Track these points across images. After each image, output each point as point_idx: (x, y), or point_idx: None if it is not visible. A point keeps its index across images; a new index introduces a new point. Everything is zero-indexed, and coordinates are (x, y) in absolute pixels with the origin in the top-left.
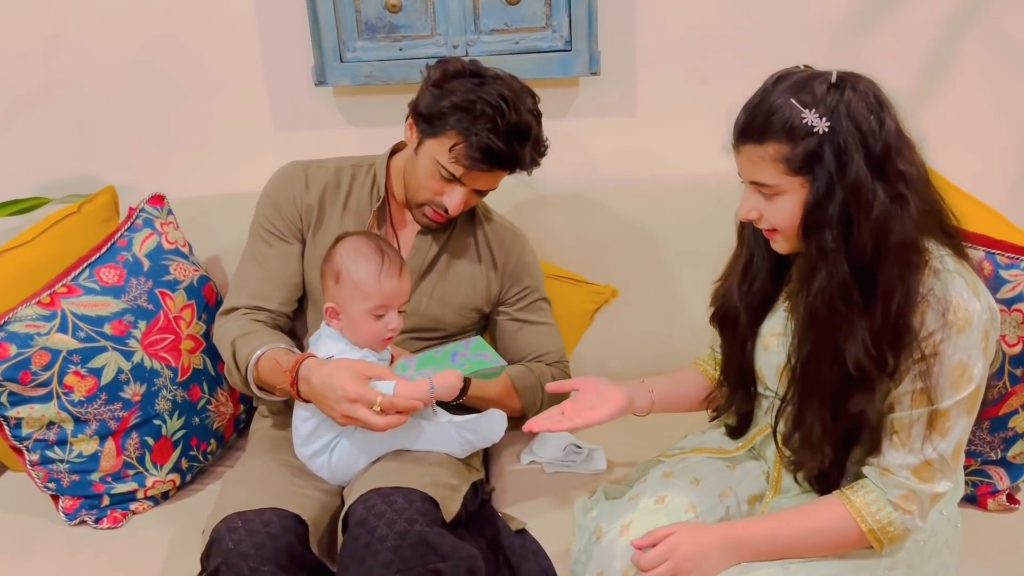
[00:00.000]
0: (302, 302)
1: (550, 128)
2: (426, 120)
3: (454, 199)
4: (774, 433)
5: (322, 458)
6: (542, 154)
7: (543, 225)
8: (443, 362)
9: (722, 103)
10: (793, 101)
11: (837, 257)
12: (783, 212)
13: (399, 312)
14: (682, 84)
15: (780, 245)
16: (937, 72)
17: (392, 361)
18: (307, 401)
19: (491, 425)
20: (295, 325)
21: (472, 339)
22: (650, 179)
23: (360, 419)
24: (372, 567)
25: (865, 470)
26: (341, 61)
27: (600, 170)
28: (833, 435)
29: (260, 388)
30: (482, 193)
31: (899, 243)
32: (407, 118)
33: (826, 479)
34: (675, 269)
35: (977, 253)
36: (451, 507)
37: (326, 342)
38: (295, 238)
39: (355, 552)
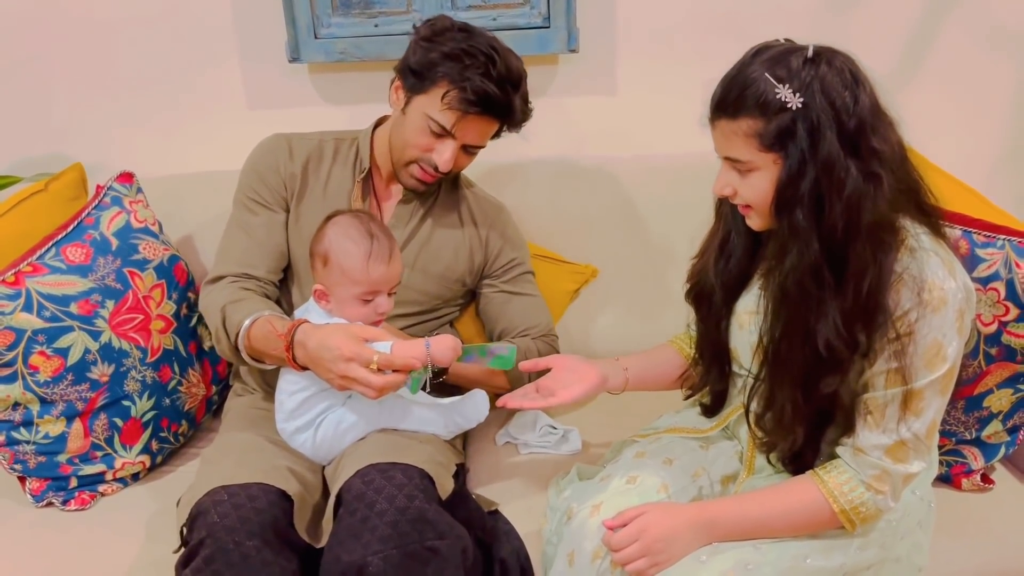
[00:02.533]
0: (286, 272)
1: None
2: (416, 75)
3: (444, 154)
4: (746, 413)
5: (305, 434)
6: (530, 110)
7: (523, 204)
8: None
9: (702, 81)
10: (768, 75)
11: (808, 236)
12: (756, 188)
13: (389, 294)
14: (662, 62)
15: (754, 222)
16: (919, 53)
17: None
18: (302, 368)
19: (476, 406)
20: (280, 296)
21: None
22: (631, 158)
23: (357, 378)
24: (369, 542)
25: (838, 450)
26: (315, 37)
27: (580, 149)
28: (805, 415)
29: (251, 356)
30: (470, 152)
31: (871, 222)
32: (392, 83)
33: (799, 459)
34: (656, 248)
35: (954, 232)
36: (446, 485)
37: (315, 319)
38: (280, 207)
39: (352, 527)
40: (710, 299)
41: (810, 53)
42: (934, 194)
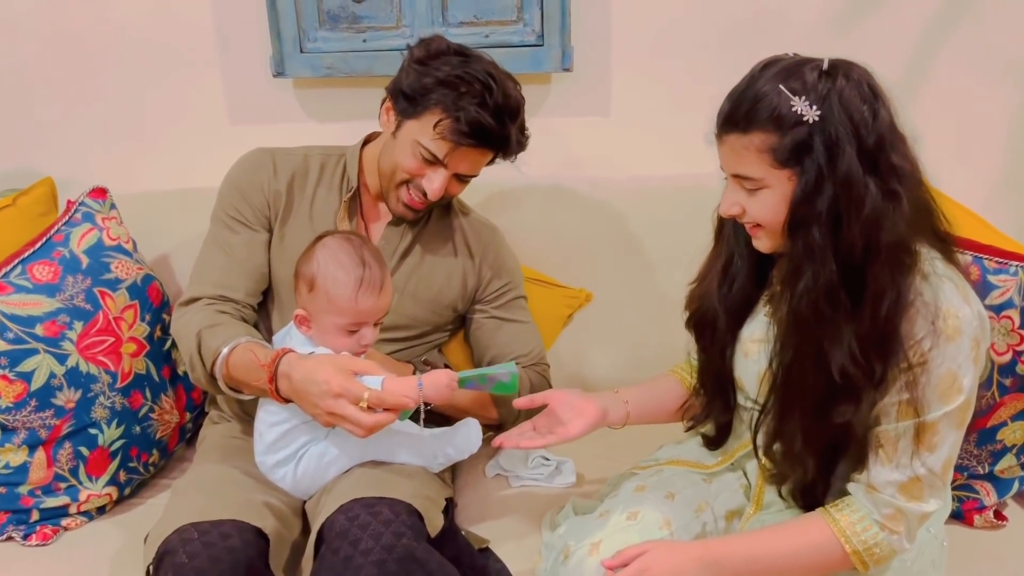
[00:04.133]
0: (266, 295)
1: None
2: (408, 99)
3: (435, 183)
4: (754, 442)
5: (286, 468)
6: (526, 139)
7: (514, 227)
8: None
9: (700, 102)
10: (782, 88)
11: (824, 256)
12: (767, 207)
13: (375, 325)
14: (659, 81)
15: (763, 243)
16: (917, 77)
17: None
18: (286, 400)
19: (468, 436)
20: (259, 320)
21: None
22: (625, 180)
23: (346, 416)
24: None
25: (850, 487)
26: (301, 52)
27: (573, 170)
28: (816, 447)
29: (228, 386)
30: (463, 180)
31: (891, 242)
32: (383, 103)
33: (811, 493)
34: (651, 272)
35: (964, 258)
36: (435, 521)
37: (297, 347)
38: (262, 226)
39: (334, 566)
40: (713, 326)
41: (825, 66)
42: (947, 218)
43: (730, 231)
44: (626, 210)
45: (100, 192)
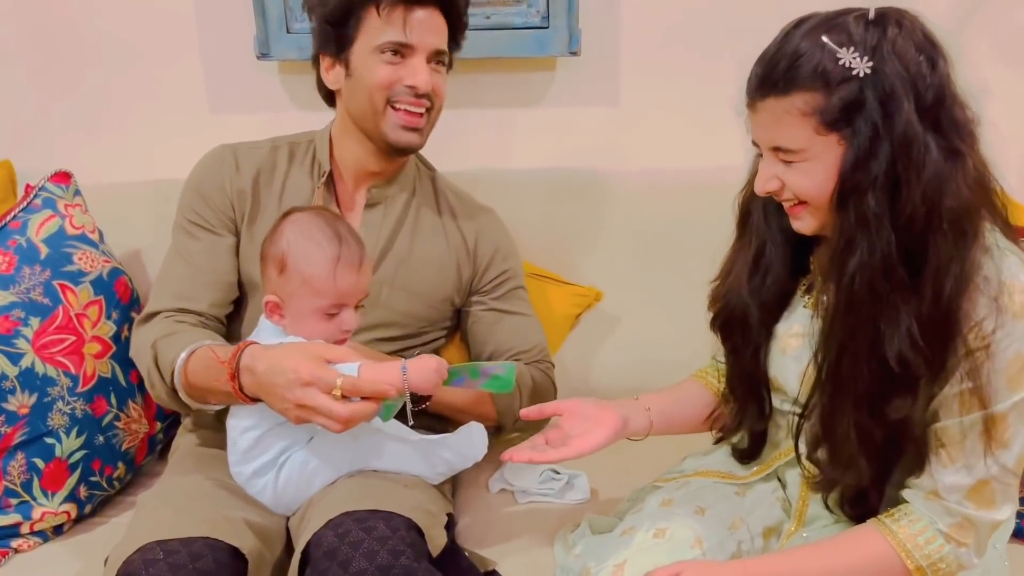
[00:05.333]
0: (239, 304)
1: (524, 115)
2: (338, 26)
3: (417, 71)
4: (796, 448)
5: (265, 478)
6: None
7: (519, 221)
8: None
9: (717, 89)
10: (825, 40)
11: (880, 226)
12: (813, 179)
13: (356, 308)
14: (672, 69)
15: (806, 223)
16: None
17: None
18: (253, 400)
19: (471, 442)
20: (231, 330)
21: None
22: (637, 172)
23: (317, 407)
24: None
25: (906, 494)
26: (287, 32)
27: (580, 161)
28: (870, 447)
29: (191, 398)
30: (438, 65)
31: (954, 208)
32: (317, 73)
33: (863, 502)
34: (664, 270)
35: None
36: (437, 539)
37: (267, 340)
38: (226, 229)
39: None
40: (744, 324)
41: (872, 15)
42: (1003, 192)
43: (759, 217)
44: (638, 204)
45: (63, 176)
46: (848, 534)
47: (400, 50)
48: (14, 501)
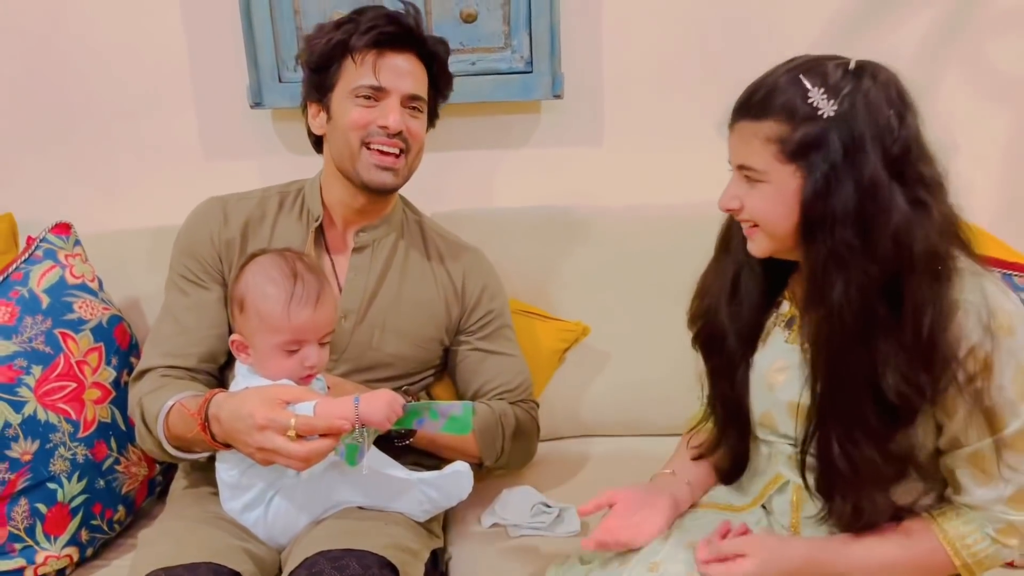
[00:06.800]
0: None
1: (511, 156)
2: (319, 72)
3: (388, 112)
4: (804, 482)
5: (256, 512)
6: (445, 45)
7: (508, 259)
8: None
9: (697, 129)
10: (801, 78)
11: (855, 262)
12: (766, 203)
13: (321, 344)
14: (653, 109)
15: (757, 244)
16: (917, 97)
17: (328, 391)
18: (226, 446)
19: (457, 482)
20: (226, 377)
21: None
22: (621, 209)
23: (276, 449)
24: None
25: (954, 498)
26: (279, 81)
27: (566, 200)
28: (875, 477)
29: (178, 449)
30: (414, 109)
31: (924, 252)
32: (305, 118)
33: (874, 524)
34: (649, 303)
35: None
36: (413, 574)
37: (239, 381)
38: (215, 282)
39: None
40: (722, 347)
41: (852, 65)
42: (970, 228)
43: (738, 243)
44: (622, 240)
45: (63, 228)
46: (904, 528)
47: (373, 94)
48: (18, 546)
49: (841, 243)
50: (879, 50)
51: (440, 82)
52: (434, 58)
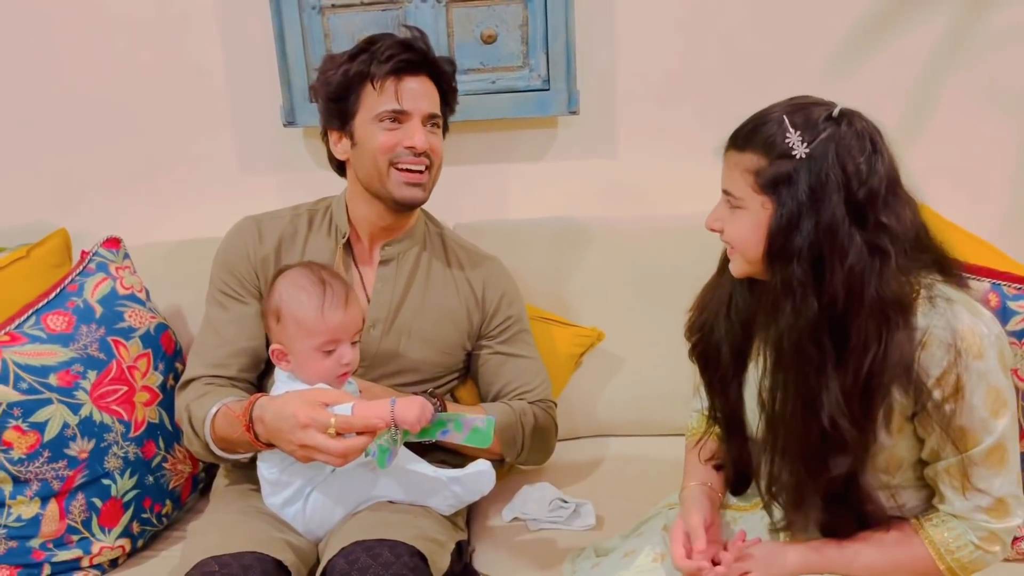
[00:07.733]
0: (270, 361)
1: (529, 170)
2: (339, 102)
3: (414, 134)
4: (759, 487)
5: (295, 507)
6: (454, 67)
7: (526, 268)
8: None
9: (706, 143)
10: (785, 118)
11: (805, 295)
12: (740, 228)
13: (352, 344)
14: (665, 124)
15: (736, 265)
16: (921, 113)
17: (360, 394)
18: (268, 445)
19: (479, 479)
20: (263, 386)
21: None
22: (636, 219)
23: (316, 445)
24: None
25: (939, 505)
26: (311, 101)
27: (582, 211)
28: (816, 495)
29: (224, 450)
30: (434, 127)
31: (876, 298)
32: (327, 146)
33: (835, 533)
34: (662, 309)
35: (983, 285)
36: (440, 564)
37: (279, 387)
38: (252, 296)
39: None
40: (717, 362)
41: (835, 112)
42: (957, 259)
43: None
44: (636, 249)
45: (114, 242)
46: (892, 533)
47: (397, 117)
48: (75, 537)
49: (794, 276)
50: (888, 65)
51: (450, 98)
52: (444, 77)
